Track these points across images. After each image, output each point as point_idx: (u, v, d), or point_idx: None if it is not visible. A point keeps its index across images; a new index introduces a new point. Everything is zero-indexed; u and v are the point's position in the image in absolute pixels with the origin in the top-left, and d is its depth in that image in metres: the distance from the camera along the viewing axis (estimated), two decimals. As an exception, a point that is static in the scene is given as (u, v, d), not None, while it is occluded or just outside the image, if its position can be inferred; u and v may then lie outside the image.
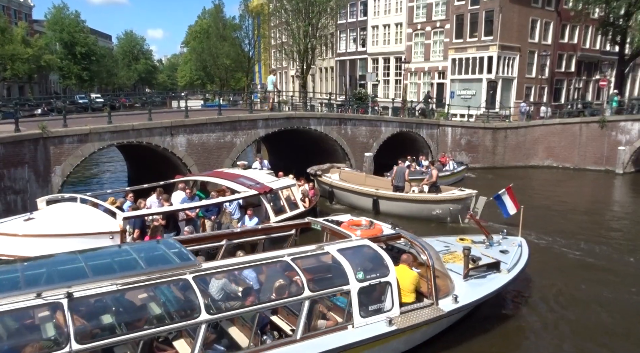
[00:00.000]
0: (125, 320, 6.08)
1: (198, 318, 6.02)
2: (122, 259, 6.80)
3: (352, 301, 7.06)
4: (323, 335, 6.84)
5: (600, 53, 40.37)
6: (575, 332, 9.06)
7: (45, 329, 5.83)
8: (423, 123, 28.39)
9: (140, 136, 18.02)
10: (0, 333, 5.58)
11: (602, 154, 28.05)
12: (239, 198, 12.96)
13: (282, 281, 7.14)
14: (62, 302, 5.48)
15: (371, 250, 7.77)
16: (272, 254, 7.35)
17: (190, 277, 6.32)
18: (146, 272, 6.24)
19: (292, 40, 41.01)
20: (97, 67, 64.27)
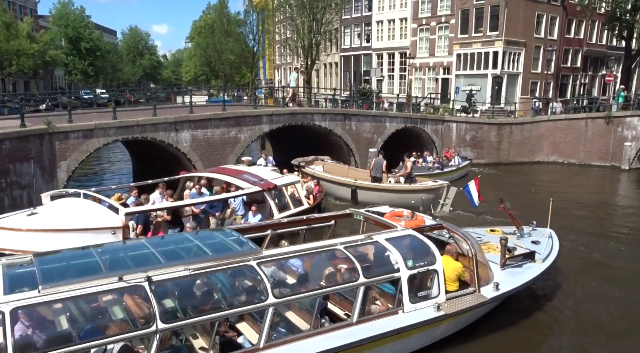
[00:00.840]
0: (198, 303, 6.56)
1: (266, 301, 6.39)
2: (186, 246, 7.27)
3: (402, 288, 7.42)
4: (376, 319, 7.22)
5: (607, 48, 40.07)
6: (595, 323, 9.31)
7: (129, 309, 6.26)
8: (428, 119, 28.31)
9: (145, 132, 18.07)
10: (87, 313, 6.05)
11: (608, 150, 27.89)
12: (242, 195, 12.96)
13: (337, 269, 7.59)
14: (144, 285, 5.85)
15: (417, 240, 8.13)
16: (325, 243, 7.76)
17: (254, 263, 6.70)
18: (214, 258, 6.63)
19: (297, 36, 40.90)
20: (102, 63, 64.42)
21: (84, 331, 5.73)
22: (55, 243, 9.78)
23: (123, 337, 5.77)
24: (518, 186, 22.59)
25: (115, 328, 5.84)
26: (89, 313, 6.06)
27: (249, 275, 6.99)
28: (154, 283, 5.92)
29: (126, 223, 10.59)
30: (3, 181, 14.26)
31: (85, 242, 9.66)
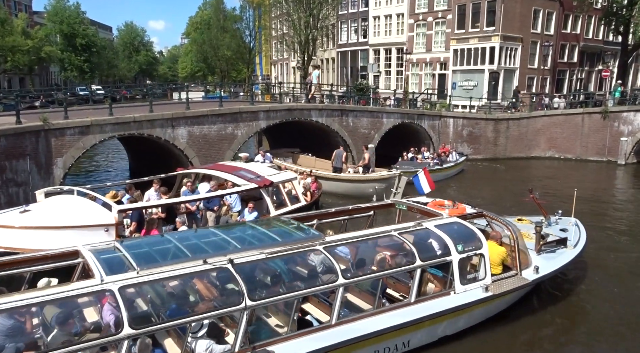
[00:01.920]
0: (276, 283, 7.09)
1: (337, 281, 6.94)
2: (253, 233, 7.82)
3: (453, 270, 7.99)
4: (431, 300, 7.81)
5: (603, 43, 40.14)
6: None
7: (216, 289, 6.92)
8: (425, 115, 28.31)
9: (141, 128, 18.01)
10: (179, 292, 6.66)
11: (604, 145, 27.97)
12: (238, 191, 12.94)
13: (395, 252, 8.13)
14: (228, 267, 6.40)
15: (464, 226, 8.76)
16: (380, 229, 8.40)
17: (321, 247, 7.28)
18: (283, 243, 7.22)
19: (293, 32, 40.79)
20: (97, 59, 64.08)
21: (178, 308, 6.35)
22: (47, 240, 9.76)
23: (216, 313, 6.43)
24: (516, 181, 22.67)
25: (203, 306, 6.45)
26: (181, 293, 6.68)
27: (318, 258, 7.59)
28: (236, 265, 6.46)
29: (119, 220, 10.55)
30: (-1, 179, 14.22)
31: (77, 239, 9.70)
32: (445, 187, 20.64)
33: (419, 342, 7.71)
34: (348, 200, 15.73)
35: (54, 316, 5.93)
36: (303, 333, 6.79)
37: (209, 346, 6.19)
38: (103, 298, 6.24)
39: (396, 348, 7.49)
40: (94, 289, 5.83)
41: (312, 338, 6.74)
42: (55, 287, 5.99)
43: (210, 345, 6.21)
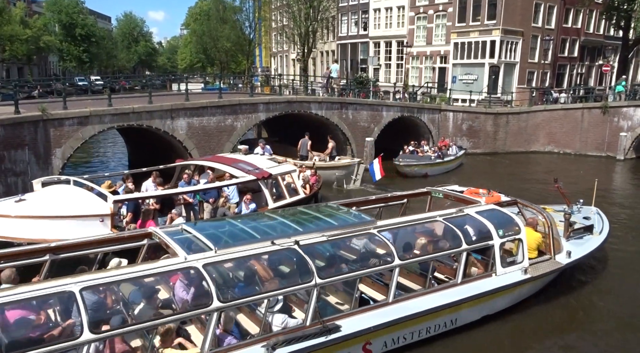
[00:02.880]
0: (338, 264, 7.68)
1: (394, 262, 7.45)
2: (308, 217, 8.33)
3: (494, 254, 8.52)
4: (475, 281, 8.35)
5: (604, 38, 40.01)
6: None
7: (286, 268, 7.40)
8: (424, 108, 28.26)
9: (140, 119, 17.96)
10: (251, 271, 7.08)
11: (604, 140, 27.98)
12: (236, 183, 12.93)
13: (442, 237, 8.71)
14: (295, 248, 6.92)
15: (502, 213, 9.28)
16: (427, 215, 9.01)
17: (375, 231, 7.80)
18: (340, 227, 7.74)
19: (293, 23, 40.62)
20: (96, 49, 63.80)
21: (253, 285, 6.86)
22: (43, 230, 9.79)
23: (291, 290, 6.91)
24: (516, 174, 22.71)
25: (274, 284, 6.82)
26: (254, 271, 7.09)
27: (373, 241, 8.18)
28: (301, 246, 6.96)
29: (114, 210, 10.56)
30: (-3, 168, 14.19)
31: (73, 229, 9.81)
32: (446, 180, 20.65)
33: (464, 320, 8.27)
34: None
35: (138, 291, 6.53)
36: (364, 309, 7.30)
37: (284, 320, 6.74)
38: (173, 277, 6.75)
39: (445, 325, 8.04)
40: (179, 266, 6.35)
41: (372, 314, 7.24)
42: (140, 265, 6.50)
43: (285, 319, 6.76)
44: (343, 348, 6.92)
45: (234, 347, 6.23)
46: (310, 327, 6.68)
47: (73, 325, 5.61)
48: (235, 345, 6.28)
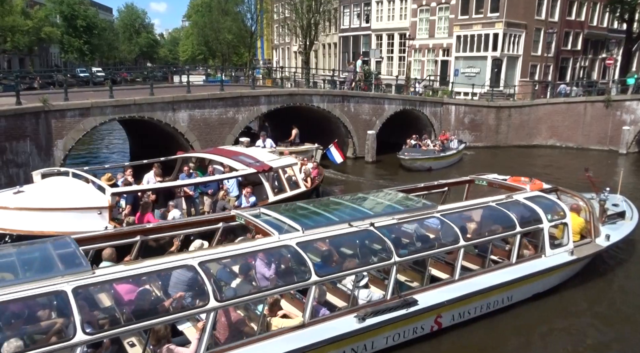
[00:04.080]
0: (410, 244, 8.35)
1: (459, 243, 8.13)
2: (373, 203, 9.08)
3: (544, 237, 9.17)
4: (528, 261, 9.00)
5: (608, 31, 39.72)
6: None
7: (364, 247, 7.95)
8: (426, 101, 28.17)
9: (142, 111, 17.95)
10: (334, 250, 7.65)
11: (606, 134, 27.89)
12: (236, 176, 12.91)
13: (497, 220, 9.23)
14: (371, 229, 7.60)
15: (548, 199, 9.97)
16: (481, 200, 9.53)
17: (438, 215, 8.52)
18: (406, 211, 8.50)
19: (295, 16, 40.47)
20: (97, 41, 63.61)
21: (339, 262, 7.47)
22: (40, 222, 9.79)
23: (375, 266, 7.62)
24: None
25: (354, 262, 7.44)
26: (337, 250, 7.72)
27: (437, 224, 8.71)
28: (377, 228, 7.58)
29: (112, 203, 10.52)
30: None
31: (70, 221, 9.83)
32: (450, 173, 20.67)
33: (518, 298, 8.92)
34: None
35: (237, 267, 7.14)
36: (435, 286, 8.00)
37: (369, 294, 7.39)
38: (253, 256, 7.29)
39: (502, 302, 8.70)
40: (275, 245, 7.01)
41: (441, 290, 7.90)
42: (240, 243, 7.18)
43: (369, 294, 7.41)
44: (419, 321, 7.64)
45: (328, 317, 6.93)
46: (390, 300, 7.35)
47: (198, 293, 6.18)
48: (330, 315, 6.98)
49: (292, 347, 6.35)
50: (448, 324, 8.06)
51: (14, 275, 5.63)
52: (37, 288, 5.29)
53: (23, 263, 5.90)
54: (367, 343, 7.16)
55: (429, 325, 7.83)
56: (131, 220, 10.78)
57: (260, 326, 6.52)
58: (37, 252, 6.36)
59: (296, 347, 6.38)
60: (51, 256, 6.09)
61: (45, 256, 6.14)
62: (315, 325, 6.72)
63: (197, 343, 5.85)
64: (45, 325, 5.57)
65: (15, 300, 5.25)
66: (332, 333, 6.71)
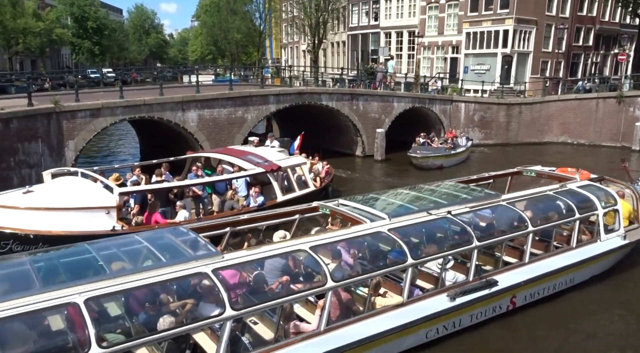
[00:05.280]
0: (486, 229, 8.79)
1: (528, 229, 8.72)
2: (441, 193, 9.51)
3: (599, 222, 9.74)
4: (585, 246, 9.58)
5: (620, 26, 39.21)
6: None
7: (445, 233, 8.46)
8: (436, 99, 28.01)
9: (151, 111, 18.06)
10: (418, 236, 8.12)
11: (619, 131, 27.53)
12: (245, 176, 12.93)
13: (556, 207, 9.67)
14: (450, 217, 8.23)
15: (598, 187, 10.53)
16: (538, 190, 10.18)
17: (505, 203, 9.17)
18: (476, 200, 9.07)
19: (304, 14, 40.44)
20: (108, 42, 64.04)
21: (425, 247, 7.96)
22: (49, 222, 9.89)
23: (459, 250, 8.11)
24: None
25: (435, 247, 7.97)
26: (421, 236, 8.17)
27: (506, 211, 9.14)
28: (454, 215, 8.27)
29: (120, 203, 10.60)
30: (12, 160, 14.37)
31: (79, 221, 9.95)
32: (460, 172, 20.57)
33: (578, 280, 9.54)
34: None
35: (337, 252, 7.60)
36: (508, 269, 8.55)
37: (454, 276, 8.00)
38: (352, 241, 7.65)
39: (565, 283, 9.35)
40: (370, 231, 7.56)
41: (514, 273, 8.49)
42: (338, 230, 7.76)
43: (455, 276, 8.01)
44: (498, 300, 8.27)
45: (423, 297, 7.55)
46: (473, 282, 7.95)
47: (314, 275, 6.89)
48: (424, 295, 7.63)
49: (394, 324, 7.01)
50: (521, 304, 8.69)
51: (156, 260, 6.14)
52: (182, 270, 5.87)
53: (158, 249, 6.39)
54: (455, 321, 7.83)
55: (505, 305, 8.47)
56: (139, 220, 10.86)
57: (367, 305, 7.05)
58: (162, 240, 6.85)
59: (398, 323, 7.04)
60: (177, 243, 6.66)
61: (173, 243, 6.68)
62: (413, 303, 7.34)
63: (319, 320, 6.44)
64: (196, 300, 6.24)
65: (169, 280, 5.88)
66: (429, 311, 7.38)
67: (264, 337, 6.58)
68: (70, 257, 6.47)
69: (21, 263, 6.00)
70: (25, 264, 5.89)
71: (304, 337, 6.35)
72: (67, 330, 5.40)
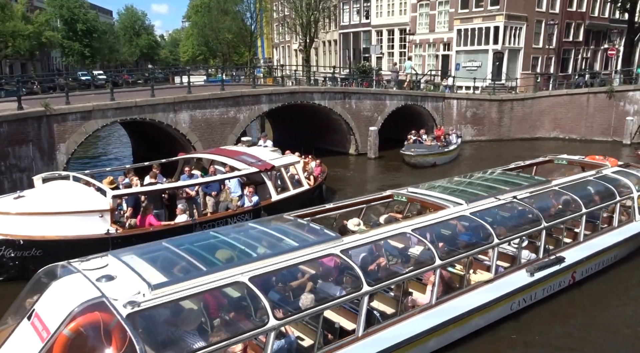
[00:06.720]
0: (549, 211, 9.64)
1: (581, 210, 9.64)
2: (500, 180, 10.55)
3: (635, 204, 10.72)
4: (625, 225, 10.56)
5: (609, 21, 39.44)
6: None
7: (516, 215, 9.24)
8: (428, 96, 28.06)
9: (143, 113, 17.98)
10: (498, 219, 8.91)
11: (610, 125, 27.72)
12: (239, 176, 12.90)
13: (600, 191, 10.52)
14: (515, 201, 9.16)
15: (628, 173, 11.53)
16: (580, 176, 11.13)
17: (557, 188, 10.15)
18: (532, 186, 9.98)
19: (295, 13, 40.37)
20: (98, 44, 63.69)
21: (504, 227, 8.64)
22: (42, 227, 9.81)
23: (532, 231, 8.82)
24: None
25: (509, 228, 8.72)
26: (501, 218, 9.09)
27: (560, 195, 10.09)
28: (520, 200, 9.18)
29: (113, 206, 10.53)
30: (2, 165, 14.27)
31: (72, 225, 9.85)
32: (453, 168, 20.62)
33: (619, 256, 10.59)
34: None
35: (433, 234, 8.02)
36: (568, 247, 9.45)
37: (528, 254, 8.88)
38: (446, 224, 8.40)
39: (612, 259, 10.38)
40: (456, 215, 8.42)
41: (573, 250, 9.38)
42: (432, 214, 8.41)
43: (529, 254, 8.88)
44: (563, 276, 9.17)
45: (506, 273, 8.36)
46: (544, 259, 8.80)
47: (425, 254, 7.52)
48: (507, 271, 8.43)
49: (488, 298, 7.80)
50: (579, 278, 9.62)
51: (298, 242, 6.80)
52: (315, 252, 6.60)
53: (289, 235, 7.09)
54: (532, 294, 8.64)
55: (567, 279, 9.36)
56: (133, 223, 10.80)
57: (464, 281, 7.89)
58: (284, 227, 7.52)
59: (490, 298, 7.83)
60: (302, 230, 7.40)
61: (299, 229, 7.40)
62: (500, 279, 8.16)
63: (431, 294, 7.27)
64: (329, 279, 7.13)
65: (307, 261, 6.64)
66: (514, 286, 8.21)
67: (387, 311, 7.40)
68: (205, 241, 7.00)
69: (164, 248, 6.56)
70: (169, 249, 6.46)
71: (420, 310, 7.15)
72: (244, 305, 6.14)
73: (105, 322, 5.00)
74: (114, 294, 5.09)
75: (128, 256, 6.10)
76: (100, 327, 4.98)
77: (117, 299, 5.00)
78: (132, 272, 5.56)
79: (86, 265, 5.84)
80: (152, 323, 5.27)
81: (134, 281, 5.37)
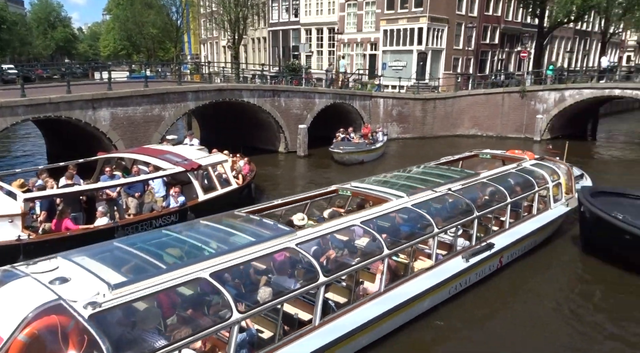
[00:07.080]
0: (479, 201, 10.50)
1: (507, 200, 10.54)
2: (433, 174, 11.27)
3: (550, 193, 11.82)
4: (542, 213, 11.64)
5: (522, 25, 42.18)
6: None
7: (452, 206, 9.94)
8: (356, 95, 28.61)
9: (58, 110, 16.92)
10: (435, 211, 9.41)
11: (522, 123, 29.71)
12: (163, 176, 12.51)
13: (521, 183, 11.49)
14: (450, 192, 9.95)
15: (545, 164, 12.79)
16: (504, 168, 12.18)
17: (486, 180, 11.12)
18: (462, 179, 10.77)
19: (223, 9, 39.62)
20: (8, 36, 59.09)
21: (443, 218, 9.31)
22: None
23: (465, 220, 9.59)
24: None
25: (446, 218, 9.38)
26: (437, 209, 9.65)
27: (487, 186, 10.95)
28: (454, 192, 9.96)
29: (25, 210, 9.87)
30: None
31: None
32: (380, 165, 21.11)
33: (539, 241, 11.64)
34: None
35: (380, 226, 8.60)
36: (495, 234, 10.27)
37: (463, 242, 9.56)
38: (390, 216, 8.90)
39: (533, 244, 11.44)
40: (399, 207, 8.92)
41: (500, 237, 10.21)
42: (377, 207, 8.79)
43: (463, 241, 9.60)
44: (492, 261, 9.89)
45: (444, 260, 8.97)
46: (476, 246, 9.52)
47: (376, 244, 7.87)
48: (445, 258, 9.02)
49: (430, 284, 8.31)
50: (505, 262, 10.45)
51: (254, 237, 6.96)
52: (272, 247, 6.80)
53: (244, 230, 7.31)
54: (466, 279, 9.32)
55: (495, 264, 10.14)
56: (47, 227, 10.17)
57: (408, 269, 8.38)
58: (237, 224, 7.76)
59: (432, 284, 8.36)
60: (255, 225, 7.61)
61: (252, 225, 7.62)
62: (439, 265, 8.76)
63: (380, 282, 7.71)
64: (287, 272, 7.34)
65: (263, 256, 6.76)
66: (452, 271, 8.84)
67: (341, 300, 7.66)
68: (157, 240, 7.09)
69: (116, 248, 6.51)
70: (121, 249, 6.42)
71: (370, 298, 7.53)
72: (206, 300, 6.29)
73: (62, 324, 4.92)
74: (71, 296, 5.00)
75: (79, 257, 5.98)
76: (57, 330, 4.89)
77: (75, 301, 4.91)
78: (88, 273, 5.48)
79: (34, 268, 5.68)
80: (115, 323, 5.23)
81: (91, 282, 5.30)
